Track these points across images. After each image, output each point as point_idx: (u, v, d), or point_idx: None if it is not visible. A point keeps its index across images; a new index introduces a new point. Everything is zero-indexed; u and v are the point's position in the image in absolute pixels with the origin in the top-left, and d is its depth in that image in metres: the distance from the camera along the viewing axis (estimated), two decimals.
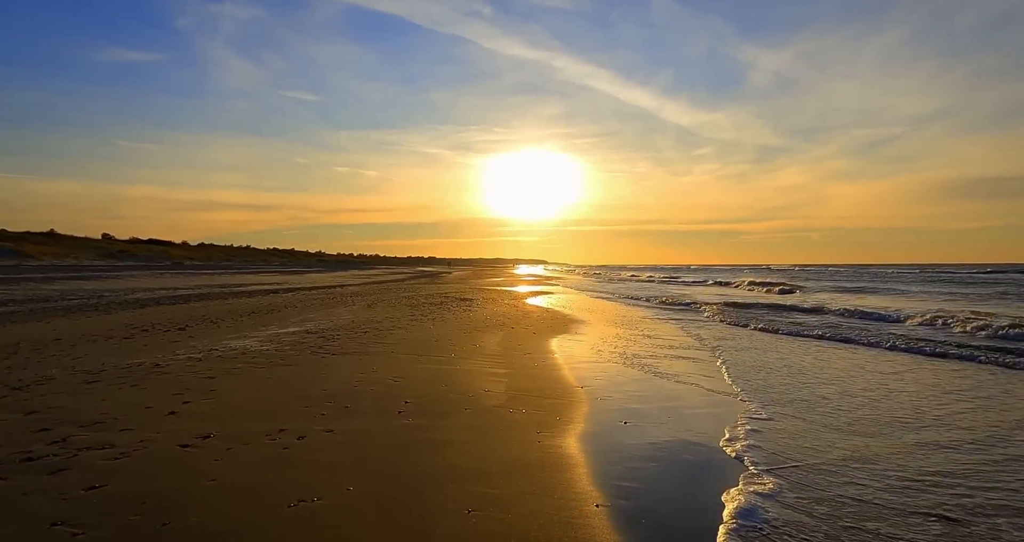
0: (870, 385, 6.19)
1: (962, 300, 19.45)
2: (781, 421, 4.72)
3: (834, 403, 5.34)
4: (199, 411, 4.49)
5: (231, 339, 8.59)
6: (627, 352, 8.30)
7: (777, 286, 27.57)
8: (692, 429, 4.48)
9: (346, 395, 5.20)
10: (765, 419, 4.77)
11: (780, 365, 7.43)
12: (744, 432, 4.37)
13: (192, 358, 6.87)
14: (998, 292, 23.37)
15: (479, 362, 7.18)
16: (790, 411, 5.04)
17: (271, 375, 5.99)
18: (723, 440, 4.17)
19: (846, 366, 7.42)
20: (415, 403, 4.99)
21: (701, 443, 4.14)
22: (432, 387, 5.66)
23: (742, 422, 4.65)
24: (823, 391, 5.86)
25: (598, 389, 5.87)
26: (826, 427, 4.55)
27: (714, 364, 7.44)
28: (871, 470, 3.57)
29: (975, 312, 13.51)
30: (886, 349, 8.83)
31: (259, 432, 3.97)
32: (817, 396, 5.64)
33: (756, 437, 4.24)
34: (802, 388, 6.01)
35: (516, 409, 4.93)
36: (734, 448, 3.97)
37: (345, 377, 5.98)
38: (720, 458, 3.83)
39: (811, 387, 6.06)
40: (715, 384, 6.17)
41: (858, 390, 5.91)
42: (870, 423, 4.68)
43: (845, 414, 4.95)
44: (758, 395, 5.64)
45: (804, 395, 5.68)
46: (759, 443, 4.09)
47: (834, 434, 4.36)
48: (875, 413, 4.99)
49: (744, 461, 3.71)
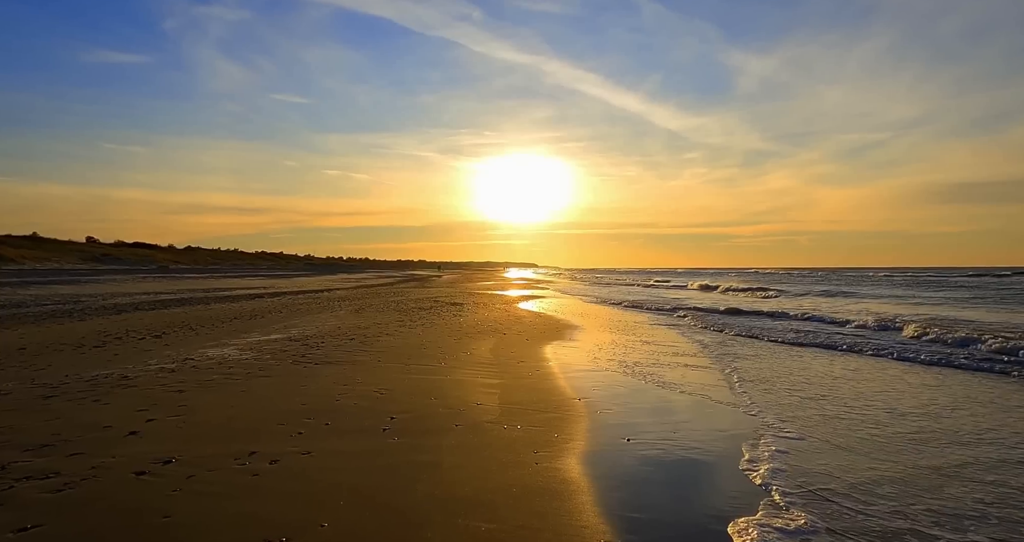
0: (884, 392, 5.92)
1: (944, 305, 19.41)
2: (807, 440, 4.35)
3: (856, 417, 5.05)
4: (163, 431, 4.09)
5: (209, 347, 8.15)
6: (625, 360, 7.98)
7: (762, 290, 27.49)
8: (704, 447, 4.15)
9: (327, 410, 4.81)
10: (792, 437, 4.38)
11: (785, 374, 7.15)
12: (768, 453, 3.98)
13: (164, 369, 6.44)
14: (973, 296, 23.42)
15: (470, 371, 6.82)
16: (813, 428, 4.71)
17: (247, 388, 5.59)
18: (743, 462, 3.82)
19: (854, 376, 7.16)
20: (402, 419, 4.63)
21: (717, 465, 3.79)
22: (420, 400, 5.30)
23: (762, 439, 4.33)
24: (840, 403, 5.57)
25: (597, 401, 5.54)
26: (857, 446, 4.22)
27: (717, 372, 7.14)
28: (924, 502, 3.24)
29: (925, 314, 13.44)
30: (894, 359, 8.59)
31: (227, 455, 3.59)
32: (837, 409, 5.34)
33: (782, 460, 3.85)
34: (816, 399, 5.72)
35: (511, 425, 4.58)
36: (757, 473, 3.60)
37: (327, 389, 5.59)
38: (741, 484, 3.46)
39: (823, 398, 5.77)
40: (722, 395, 5.86)
41: (874, 397, 5.64)
42: (906, 440, 4.38)
43: (870, 429, 4.65)
44: (773, 408, 5.31)
45: (820, 408, 5.38)
46: (783, 466, 3.73)
47: (867, 455, 4.01)
48: (911, 428, 4.70)
49: (772, 491, 3.30)
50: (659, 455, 3.95)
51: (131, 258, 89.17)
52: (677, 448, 4.11)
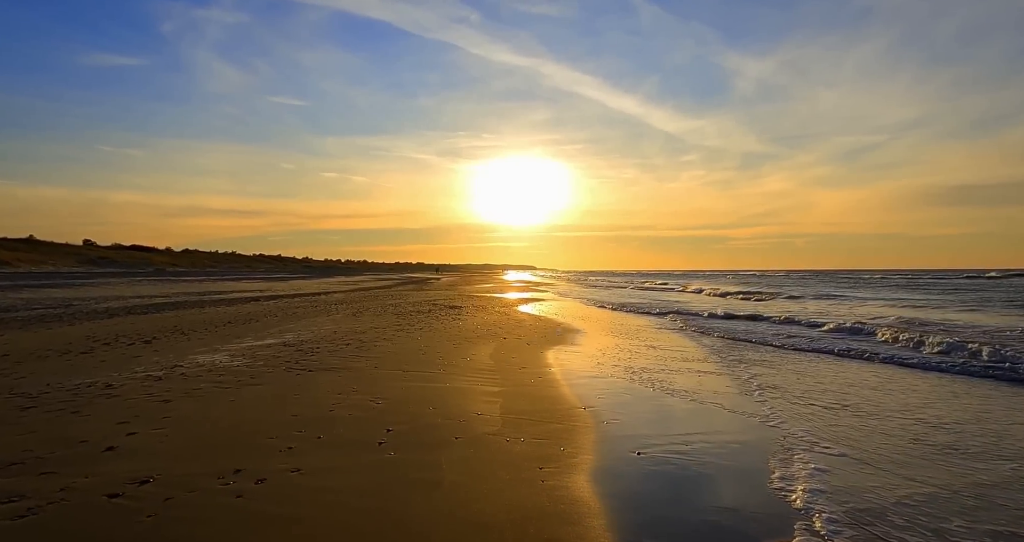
0: (912, 402, 5.68)
1: (946, 308, 19.26)
2: (846, 458, 4.05)
3: (890, 429, 4.81)
4: (144, 446, 3.83)
5: (200, 353, 7.89)
6: (630, 365, 7.73)
7: (762, 293, 27.28)
8: (723, 463, 3.90)
9: (320, 422, 4.56)
10: (832, 454, 4.07)
11: (796, 380, 6.91)
12: (806, 471, 3.68)
13: (151, 377, 6.17)
14: (960, 298, 23.30)
15: (470, 379, 6.57)
16: (850, 441, 4.45)
17: (237, 397, 5.33)
18: (774, 479, 3.56)
19: (867, 383, 6.92)
20: (399, 431, 4.38)
21: (741, 483, 3.53)
22: (418, 410, 5.05)
23: (795, 454, 4.08)
24: (866, 413, 5.33)
25: (603, 410, 5.29)
26: (906, 463, 3.95)
27: (727, 378, 6.90)
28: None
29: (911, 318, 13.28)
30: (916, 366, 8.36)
31: (210, 473, 3.33)
32: (865, 420, 5.10)
33: (821, 479, 3.55)
34: (837, 408, 5.48)
35: (513, 437, 4.33)
36: (794, 493, 3.32)
37: (321, 398, 5.34)
38: (773, 506, 3.18)
39: (846, 407, 5.53)
40: (736, 403, 5.61)
41: (898, 406, 5.40)
42: (955, 454, 4.14)
43: (911, 443, 4.41)
44: (797, 419, 5.05)
45: (848, 419, 5.14)
46: (822, 486, 3.45)
47: (919, 474, 3.71)
48: (946, 440, 4.46)
49: (814, 517, 3.00)
50: (674, 471, 3.71)
51: (128, 261, 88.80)
52: (692, 463, 3.86)
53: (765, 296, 25.81)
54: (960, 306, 19.12)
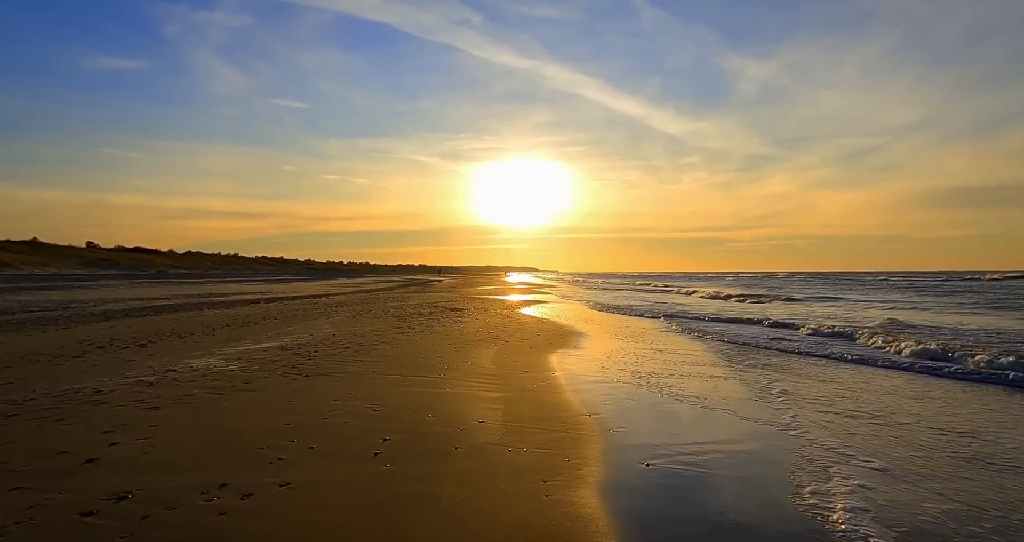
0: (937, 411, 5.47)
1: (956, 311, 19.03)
2: (890, 474, 3.76)
3: (923, 440, 4.59)
4: (126, 457, 3.64)
5: (195, 357, 7.70)
6: (636, 369, 7.52)
7: (766, 296, 27.02)
8: (741, 474, 3.68)
9: (313, 430, 4.36)
10: (874, 468, 3.78)
11: (811, 386, 6.69)
12: (847, 487, 3.40)
13: (142, 382, 5.98)
14: (955, 301, 23.11)
15: (471, 383, 6.37)
16: (891, 454, 4.20)
17: (228, 404, 5.14)
18: (806, 494, 3.33)
19: (886, 390, 6.70)
20: (396, 440, 4.17)
21: (765, 501, 3.28)
22: (417, 417, 4.84)
23: (815, 464, 3.87)
24: (894, 423, 5.12)
25: (609, 417, 5.09)
26: (958, 480, 3.72)
27: (737, 383, 6.69)
28: None
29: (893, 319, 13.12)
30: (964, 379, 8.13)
31: (193, 488, 3.13)
32: (899, 430, 4.88)
33: (863, 496, 3.28)
34: (863, 417, 5.26)
35: (516, 447, 4.13)
36: (833, 512, 3.06)
37: (316, 405, 5.14)
38: (805, 526, 2.94)
39: (873, 416, 5.31)
40: (750, 410, 5.39)
41: (923, 414, 5.19)
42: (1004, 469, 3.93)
43: (950, 458, 4.19)
44: (820, 428, 4.82)
45: (879, 428, 4.92)
46: (864, 503, 3.18)
47: (977, 494, 3.49)
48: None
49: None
50: (687, 485, 3.49)
51: (130, 263, 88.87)
52: (706, 475, 3.64)
53: (763, 298, 25.68)
54: (954, 309, 19.07)
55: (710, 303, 24.16)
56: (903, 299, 25.04)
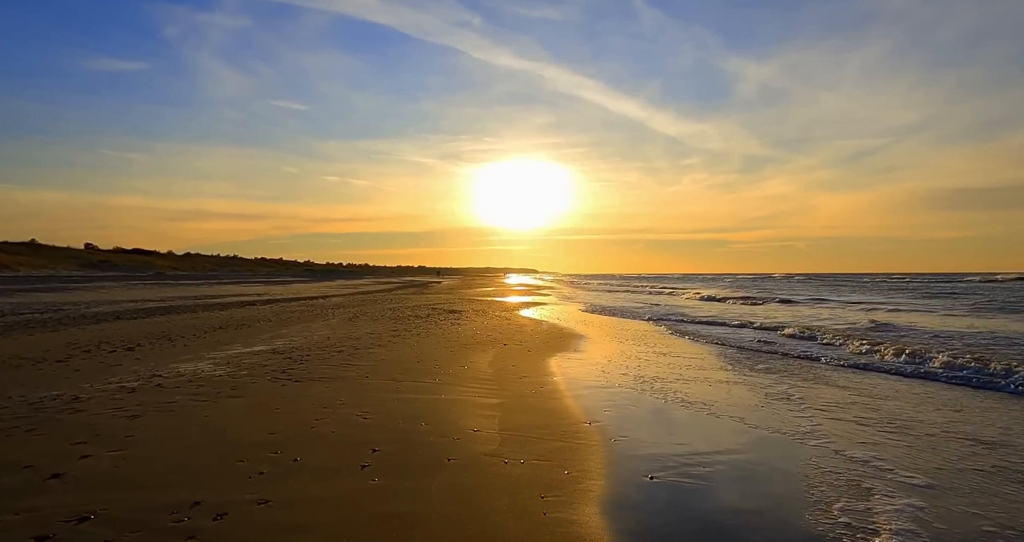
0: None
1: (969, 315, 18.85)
2: (937, 490, 3.47)
3: (960, 452, 4.37)
4: (95, 472, 3.41)
5: (183, 362, 7.47)
6: (637, 373, 7.29)
7: (771, 298, 26.82)
8: (757, 490, 3.45)
9: (299, 440, 4.13)
10: (918, 484, 3.51)
11: (822, 393, 6.47)
12: (893, 507, 3.13)
13: (124, 388, 5.75)
14: (946, 303, 22.97)
15: (467, 389, 6.14)
16: (933, 470, 3.89)
17: (212, 412, 4.91)
18: (836, 513, 3.09)
19: (898, 396, 6.48)
20: (386, 451, 3.95)
21: (786, 519, 3.04)
22: (409, 426, 4.62)
23: (836, 477, 3.65)
24: (923, 432, 4.89)
25: (610, 425, 4.86)
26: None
27: (744, 389, 6.46)
28: None
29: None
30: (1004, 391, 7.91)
31: (163, 507, 2.90)
32: (933, 441, 4.65)
33: (912, 517, 3.02)
34: (883, 425, 5.04)
35: (512, 458, 3.90)
36: (881, 537, 2.80)
37: (304, 413, 4.91)
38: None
39: (900, 425, 5.09)
40: (758, 417, 5.16)
41: (949, 424, 4.97)
42: None
43: (994, 473, 3.97)
44: (844, 439, 4.61)
45: (913, 440, 4.70)
46: (914, 526, 2.92)
47: None
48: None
49: None
50: (695, 501, 3.26)
51: (129, 264, 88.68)
52: (717, 490, 3.41)
53: (757, 300, 25.55)
54: (944, 311, 18.98)
55: (710, 305, 23.95)
56: (896, 301, 25.00)
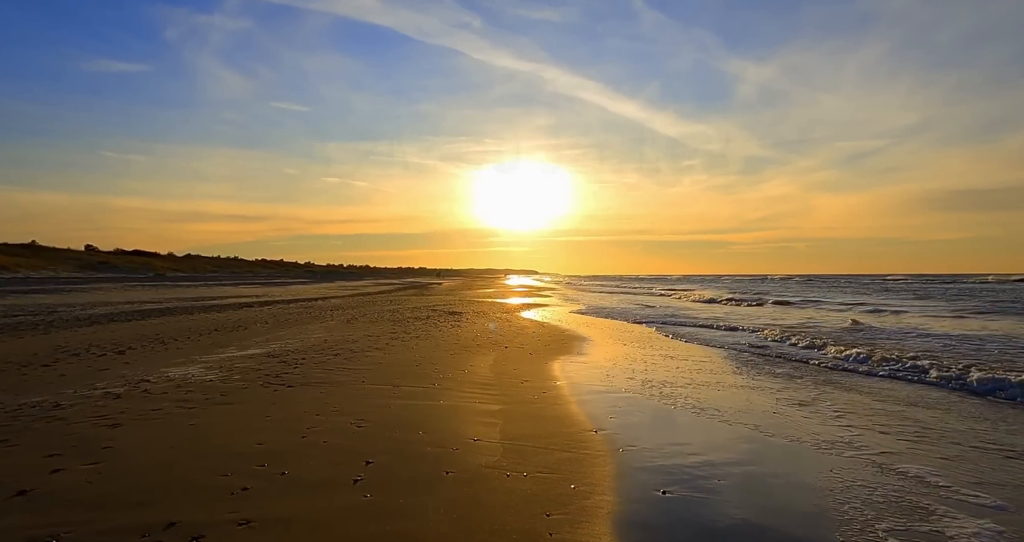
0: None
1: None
2: (1010, 513, 3.13)
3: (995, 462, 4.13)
4: (66, 488, 3.17)
5: (174, 365, 7.23)
6: (644, 377, 7.05)
7: (781, 300, 26.61)
8: (781, 506, 3.20)
9: (288, 452, 3.89)
10: (987, 505, 3.19)
11: (845, 401, 6.23)
12: (973, 527, 2.84)
13: (109, 394, 5.51)
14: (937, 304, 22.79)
15: (467, 394, 5.90)
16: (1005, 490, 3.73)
17: (198, 420, 4.67)
18: (880, 532, 2.86)
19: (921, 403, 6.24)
20: (380, 463, 3.71)
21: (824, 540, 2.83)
22: (406, 435, 4.37)
23: (905, 501, 3.40)
24: (964, 444, 4.65)
25: (617, 433, 4.62)
26: None
27: (758, 395, 6.22)
28: None
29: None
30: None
31: (135, 528, 2.66)
32: (983, 454, 4.41)
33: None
34: (915, 435, 4.80)
35: (515, 471, 3.66)
36: None
37: (295, 421, 4.67)
38: None
39: (938, 435, 4.84)
40: (774, 424, 4.92)
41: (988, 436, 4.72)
42: None
43: None
44: (885, 454, 4.37)
45: (972, 456, 4.46)
46: None
47: None
48: None
49: None
50: (715, 519, 3.02)
51: (129, 266, 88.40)
52: (737, 507, 3.17)
53: (752, 301, 25.35)
54: (932, 312, 18.89)
55: (710, 307, 23.71)
56: (888, 301, 24.88)
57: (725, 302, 25.60)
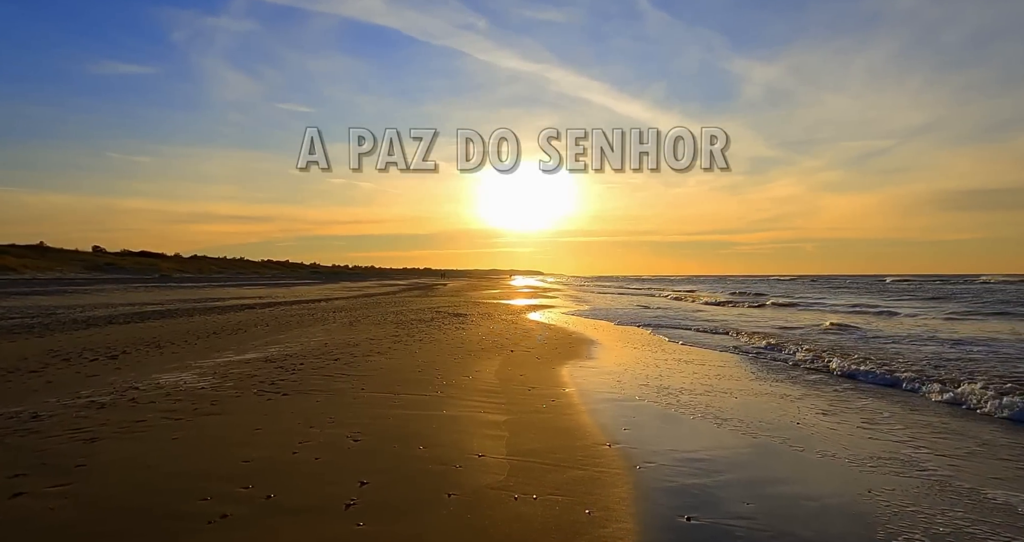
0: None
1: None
2: None
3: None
4: (25, 515, 2.86)
5: (167, 371, 6.94)
6: (659, 384, 6.69)
7: (792, 302, 26.17)
8: (830, 536, 2.86)
9: (277, 471, 3.57)
10: None
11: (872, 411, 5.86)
12: None
13: (94, 404, 5.22)
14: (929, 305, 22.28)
15: (471, 403, 5.58)
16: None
17: (184, 433, 4.36)
18: None
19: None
20: (376, 484, 3.38)
21: None
22: (405, 450, 4.05)
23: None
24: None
25: (634, 447, 4.28)
26: None
27: (784, 402, 5.86)
28: None
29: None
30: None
31: None
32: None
33: None
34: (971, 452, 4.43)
35: (523, 492, 3.33)
36: None
37: (287, 434, 4.36)
38: None
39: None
40: (799, 435, 4.56)
41: None
42: None
43: None
44: (943, 466, 4.03)
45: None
46: None
47: None
48: None
49: None
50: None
51: (135, 267, 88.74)
52: (778, 537, 2.82)
53: (743, 303, 24.98)
54: (924, 314, 18.43)
55: (715, 309, 23.30)
56: (883, 302, 24.54)
57: (730, 305, 25.18)
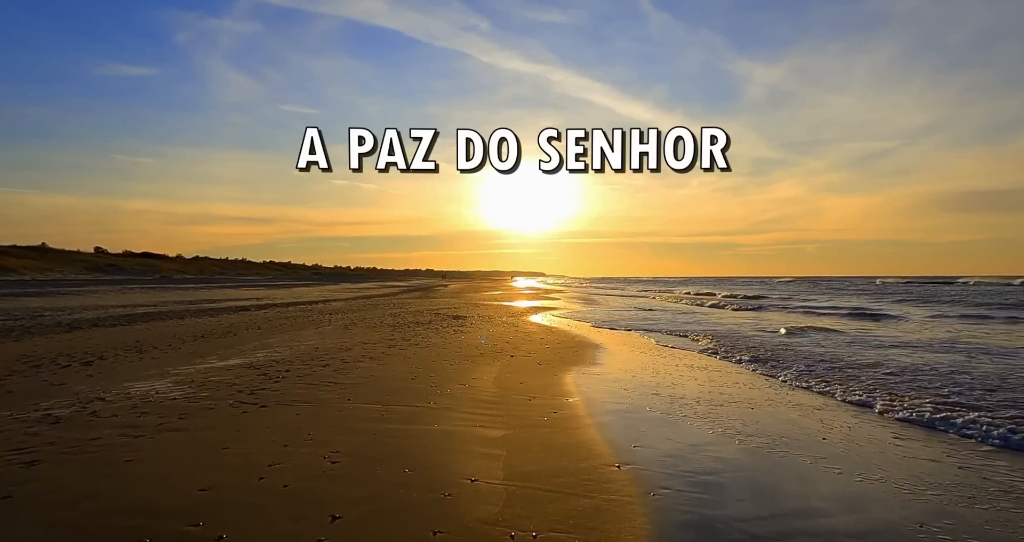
0: None
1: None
2: None
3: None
4: None
5: (142, 379, 6.47)
6: (671, 394, 6.19)
7: (803, 305, 25.62)
8: None
9: (236, 503, 3.08)
10: None
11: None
12: None
13: (48, 417, 4.74)
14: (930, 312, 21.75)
15: (466, 415, 5.09)
16: None
17: (139, 454, 3.87)
18: None
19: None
20: (351, 518, 2.89)
21: None
22: (388, 474, 3.56)
23: None
24: None
25: (645, 469, 3.79)
26: None
27: (799, 410, 5.36)
28: None
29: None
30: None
31: None
32: None
33: None
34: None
35: (521, 529, 2.84)
36: None
37: (257, 454, 3.87)
38: None
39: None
40: (831, 454, 4.06)
41: None
42: None
43: None
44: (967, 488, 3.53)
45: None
46: None
47: None
48: None
49: None
50: None
51: (136, 268, 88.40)
52: None
53: (741, 305, 24.46)
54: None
55: (722, 312, 22.79)
56: (873, 304, 24.10)
57: (734, 308, 24.67)
